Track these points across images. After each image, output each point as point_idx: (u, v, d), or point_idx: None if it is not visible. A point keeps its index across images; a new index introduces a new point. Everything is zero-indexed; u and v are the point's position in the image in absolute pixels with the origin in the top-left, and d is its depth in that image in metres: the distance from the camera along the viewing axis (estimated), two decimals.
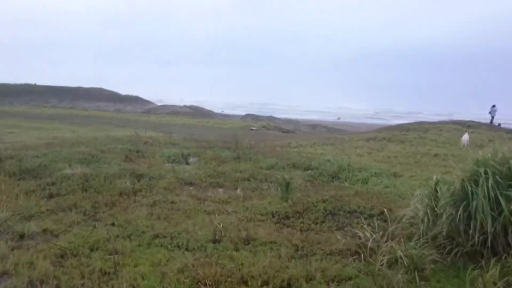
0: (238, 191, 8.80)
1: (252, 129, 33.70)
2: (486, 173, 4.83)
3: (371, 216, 7.31)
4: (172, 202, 7.82)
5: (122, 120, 35.18)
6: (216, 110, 75.20)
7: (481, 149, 18.75)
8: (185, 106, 57.15)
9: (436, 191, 5.88)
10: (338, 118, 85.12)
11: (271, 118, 58.65)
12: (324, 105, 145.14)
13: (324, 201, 8.09)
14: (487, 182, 4.72)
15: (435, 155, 18.34)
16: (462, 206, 4.90)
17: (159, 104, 76.90)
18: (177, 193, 8.58)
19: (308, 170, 12.25)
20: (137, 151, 13.72)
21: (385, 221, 7.10)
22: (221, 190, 9.37)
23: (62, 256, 5.25)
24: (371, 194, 9.29)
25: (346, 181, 11.34)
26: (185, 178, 9.99)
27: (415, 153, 18.72)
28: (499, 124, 37.36)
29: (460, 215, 4.88)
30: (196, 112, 52.52)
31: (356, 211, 7.55)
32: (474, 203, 4.77)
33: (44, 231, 6.18)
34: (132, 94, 77.94)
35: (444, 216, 5.01)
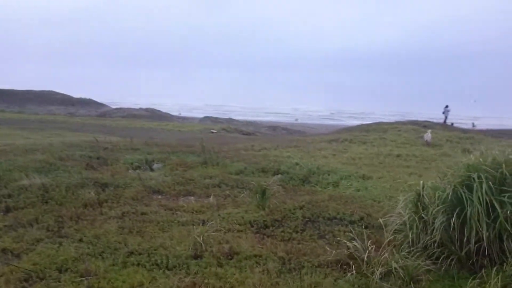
0: (211, 199, 8.39)
1: (212, 132, 33.24)
2: (479, 178, 4.68)
3: (351, 222, 7.10)
4: (143, 214, 7.33)
5: (77, 125, 33.88)
6: (173, 112, 74.12)
7: (440, 148, 19.02)
8: (142, 109, 55.89)
9: (422, 197, 5.73)
10: (296, 120, 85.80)
11: (230, 121, 58.32)
12: (279, 106, 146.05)
13: (301, 208, 7.83)
14: (481, 187, 4.58)
15: (398, 155, 18.52)
16: (456, 213, 4.74)
17: (113, 107, 75.04)
18: (146, 203, 8.10)
19: (277, 174, 11.98)
20: (98, 158, 13.03)
21: (366, 227, 6.93)
22: (192, 198, 8.95)
23: (26, 280, 4.71)
24: (345, 199, 9.11)
25: (317, 185, 11.16)
26: (153, 186, 9.49)
27: (378, 154, 18.84)
28: (452, 124, 38.59)
29: (454, 222, 4.71)
30: (154, 115, 51.44)
31: (335, 218, 7.32)
32: (469, 209, 4.61)
33: (3, 250, 5.59)
34: (85, 97, 75.75)
35: (437, 223, 4.83)
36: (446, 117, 39.28)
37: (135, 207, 7.69)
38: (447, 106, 39.43)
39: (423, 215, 5.51)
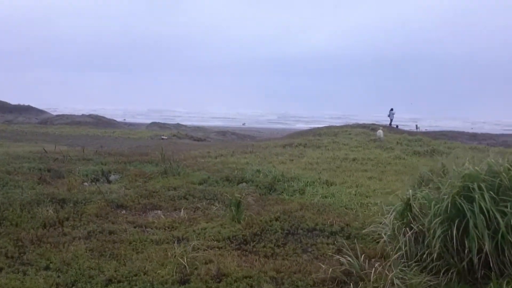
0: (182, 213, 7.92)
1: (163, 139, 32.37)
2: (480, 188, 4.56)
3: (332, 233, 6.87)
4: (111, 233, 6.76)
5: (17, 133, 31.94)
6: (117, 118, 71.93)
7: (392, 151, 19.30)
8: (86, 115, 53.75)
9: (411, 207, 5.57)
10: (243, 124, 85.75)
11: (178, 126, 57.32)
12: (224, 111, 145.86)
13: (277, 219, 7.52)
14: (484, 198, 4.46)
15: (354, 159, 18.65)
16: (455, 224, 4.59)
17: (55, 113, 71.80)
18: (112, 220, 7.51)
19: (242, 183, 11.64)
20: (49, 170, 12.15)
21: (348, 238, 6.73)
22: (159, 212, 8.43)
23: None
24: (317, 207, 8.90)
25: (283, 192, 10.92)
26: (115, 200, 8.86)
27: (334, 158, 18.92)
28: (397, 126, 39.82)
29: (454, 234, 4.56)
30: (99, 121, 49.59)
31: (315, 229, 7.07)
32: (471, 220, 4.48)
33: None
34: (23, 103, 71.97)
35: (437, 234, 4.66)
36: (391, 120, 40.44)
37: (101, 225, 7.09)
38: (392, 109, 40.62)
39: (413, 225, 5.36)
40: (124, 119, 77.67)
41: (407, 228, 5.35)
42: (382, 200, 9.42)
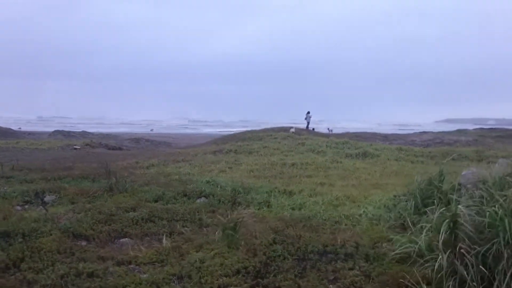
0: (164, 241, 6.63)
1: (76, 148, 29.61)
2: None
3: (348, 256, 6.06)
4: (91, 275, 5.35)
5: None
6: (12, 127, 65.49)
7: (324, 154, 19.14)
8: None
9: (456, 224, 4.95)
10: (151, 130, 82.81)
11: (84, 134, 53.54)
12: (125, 117, 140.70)
13: (276, 242, 6.58)
14: None
15: (292, 164, 18.21)
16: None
17: None
18: (80, 257, 6.03)
19: (201, 197, 10.48)
20: None
21: (367, 260, 6.00)
22: (128, 241, 7.06)
23: None
24: (300, 223, 8.09)
25: (249, 206, 9.98)
26: (70, 228, 7.32)
27: (273, 164, 18.32)
28: (313, 129, 40.48)
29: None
30: None
31: (326, 252, 6.22)
32: None
33: None
34: None
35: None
36: (308, 123, 40.98)
37: (71, 265, 5.62)
38: (308, 112, 41.15)
39: (463, 245, 4.74)
40: (20, 128, 71.01)
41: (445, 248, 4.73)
42: (366, 210, 8.95)
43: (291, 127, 32.78)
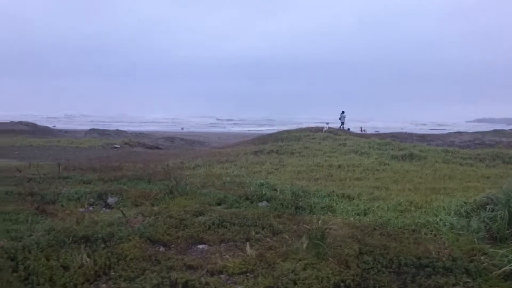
0: (248, 249, 6.40)
1: (115, 147, 29.87)
2: None
3: (447, 270, 5.69)
4: (186, 286, 5.15)
5: None
6: (48, 125, 66.71)
7: (369, 156, 18.69)
8: (20, 123, 49.04)
9: None
10: (182, 128, 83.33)
11: (118, 132, 54.20)
12: (153, 115, 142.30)
13: (362, 252, 6.28)
14: None
15: (339, 166, 17.85)
16: None
17: None
18: (167, 265, 5.85)
19: (263, 201, 10.25)
20: (31, 194, 10.04)
21: (469, 274, 5.63)
22: (205, 247, 6.87)
23: None
24: (376, 230, 7.78)
25: (312, 211, 9.70)
26: (146, 233, 7.17)
27: (319, 166, 18.01)
28: (348, 129, 39.87)
29: None
30: (36, 129, 45.30)
31: (422, 264, 5.87)
32: None
33: None
34: None
35: None
36: (342, 123, 40.37)
37: (163, 275, 5.43)
38: (343, 112, 40.51)
39: None
40: (55, 126, 72.39)
41: None
42: (442, 218, 8.53)
43: (325, 125, 32.97)
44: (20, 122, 52.54)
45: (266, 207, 9.81)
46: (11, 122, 54.28)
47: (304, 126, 42.52)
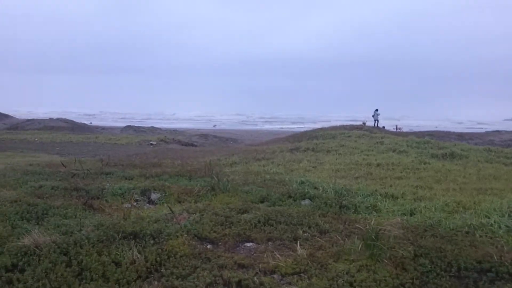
0: (299, 248, 6.23)
1: (152, 144, 30.20)
2: None
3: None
4: (240, 285, 5.03)
5: None
6: (85, 122, 68.25)
7: (407, 154, 18.16)
8: (60, 120, 50.29)
9: None
10: (214, 126, 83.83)
11: (153, 129, 54.92)
12: (188, 113, 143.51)
13: (418, 255, 6.01)
14: None
15: (378, 165, 17.43)
16: None
17: (19, 117, 67.55)
18: (217, 263, 5.75)
19: (305, 199, 10.06)
20: (76, 190, 10.16)
21: None
22: (253, 246, 6.74)
23: None
24: (428, 232, 7.47)
25: (357, 211, 9.43)
26: (190, 229, 7.09)
27: (357, 164, 17.64)
28: (383, 127, 39.14)
29: None
30: (74, 126, 46.37)
31: (483, 269, 5.57)
32: None
33: None
34: None
35: None
36: (376, 120, 39.66)
37: (215, 273, 5.32)
38: (377, 110, 39.77)
39: None
40: (91, 123, 74.04)
41: None
42: (496, 219, 8.15)
43: (363, 122, 33.03)
44: (59, 119, 53.88)
45: (310, 205, 9.62)
46: (50, 119, 55.77)
47: (335, 124, 42.06)
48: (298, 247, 6.26)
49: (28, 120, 52.52)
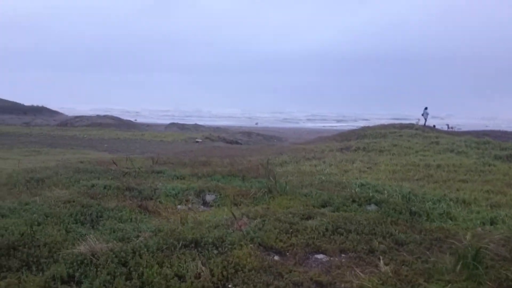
0: (382, 265, 5.45)
1: (197, 141, 29.91)
2: None
3: None
4: None
5: (46, 137, 29.43)
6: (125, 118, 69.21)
7: (467, 155, 16.82)
8: (106, 117, 51.11)
9: None
10: (256, 123, 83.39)
11: (197, 127, 55.00)
12: (228, 110, 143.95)
13: None
14: None
15: (438, 166, 16.31)
16: None
17: (68, 114, 69.26)
18: (294, 281, 5.04)
19: (371, 204, 9.21)
20: (128, 189, 9.72)
21: None
22: (323, 258, 6.01)
23: None
24: None
25: (430, 218, 8.50)
26: (253, 237, 6.43)
27: (415, 165, 16.57)
28: (434, 126, 37.47)
29: None
30: (121, 123, 46.96)
31: None
32: None
33: None
34: (37, 104, 69.38)
35: None
36: (425, 120, 37.98)
37: None
38: (426, 108, 38.03)
39: None
40: (135, 120, 75.07)
41: None
42: None
43: (417, 120, 32.53)
44: (106, 116, 54.80)
45: (376, 211, 8.77)
46: (97, 116, 56.83)
47: (376, 122, 40.63)
48: (382, 263, 5.46)
49: (76, 117, 53.62)
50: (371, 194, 9.73)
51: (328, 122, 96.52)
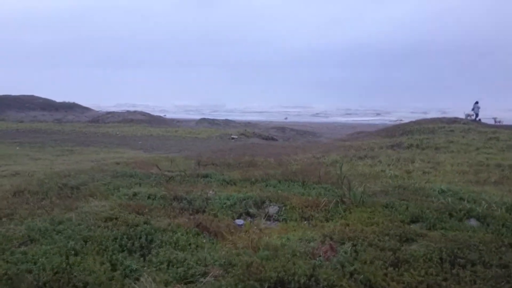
0: None
1: (233, 138, 28.42)
2: None
3: None
4: None
5: (78, 135, 28.45)
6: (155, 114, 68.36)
7: None
8: (137, 113, 50.19)
9: None
10: (286, 118, 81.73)
11: (227, 122, 53.65)
12: (254, 104, 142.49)
13: None
14: None
15: (510, 166, 14.36)
16: None
17: (99, 110, 68.97)
18: None
19: (470, 218, 7.47)
20: (176, 199, 8.22)
21: None
22: None
23: None
24: None
25: None
26: (356, 276, 4.81)
27: (484, 165, 14.66)
28: (480, 120, 35.16)
29: None
30: (152, 119, 45.90)
31: None
32: None
33: None
34: (68, 100, 69.23)
35: None
36: (476, 114, 35.49)
37: None
38: (477, 102, 35.48)
39: None
40: (165, 115, 74.29)
41: None
42: None
43: (468, 114, 30.94)
44: (137, 112, 53.92)
45: (480, 228, 7.03)
46: (128, 111, 56.01)
47: (411, 116, 38.26)
48: None
49: (108, 113, 52.95)
50: (470, 207, 7.95)
51: (360, 117, 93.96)
